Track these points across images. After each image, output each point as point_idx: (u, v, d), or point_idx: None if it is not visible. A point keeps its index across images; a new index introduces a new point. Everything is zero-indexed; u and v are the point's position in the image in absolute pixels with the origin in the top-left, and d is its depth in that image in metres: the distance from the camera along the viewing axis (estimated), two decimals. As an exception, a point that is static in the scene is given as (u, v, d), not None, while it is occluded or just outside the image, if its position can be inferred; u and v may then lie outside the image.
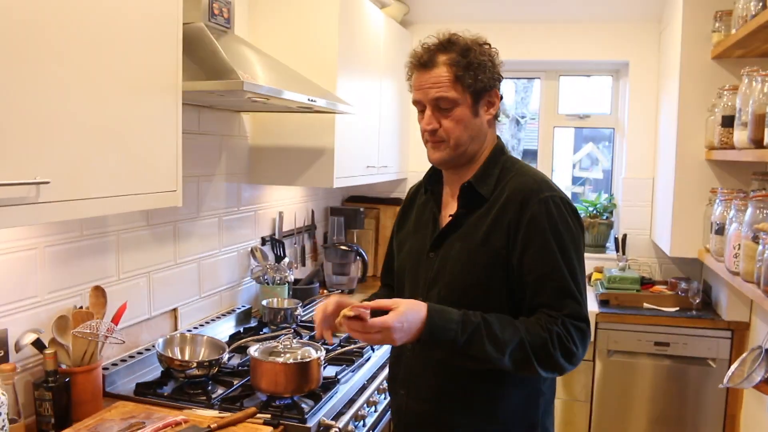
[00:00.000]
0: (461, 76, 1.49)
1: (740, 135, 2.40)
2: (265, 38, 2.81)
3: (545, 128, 4.11)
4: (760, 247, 2.04)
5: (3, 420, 1.57)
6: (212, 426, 1.71)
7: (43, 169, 1.31)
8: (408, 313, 1.38)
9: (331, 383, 2.09)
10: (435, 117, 1.53)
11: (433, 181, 1.71)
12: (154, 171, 1.68)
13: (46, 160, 1.32)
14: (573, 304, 1.46)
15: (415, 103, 1.58)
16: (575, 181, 6.06)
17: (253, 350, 1.99)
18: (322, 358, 2.01)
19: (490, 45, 1.56)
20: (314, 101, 2.25)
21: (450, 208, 1.63)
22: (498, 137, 1.65)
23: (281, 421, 1.82)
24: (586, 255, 3.65)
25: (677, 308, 3.32)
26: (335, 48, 2.75)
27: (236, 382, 2.07)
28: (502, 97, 1.58)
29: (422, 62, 1.52)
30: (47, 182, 1.30)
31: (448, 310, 1.43)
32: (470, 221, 1.55)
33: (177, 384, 2.04)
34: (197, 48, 2.00)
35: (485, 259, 1.50)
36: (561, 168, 7.10)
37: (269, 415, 1.83)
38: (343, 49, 2.80)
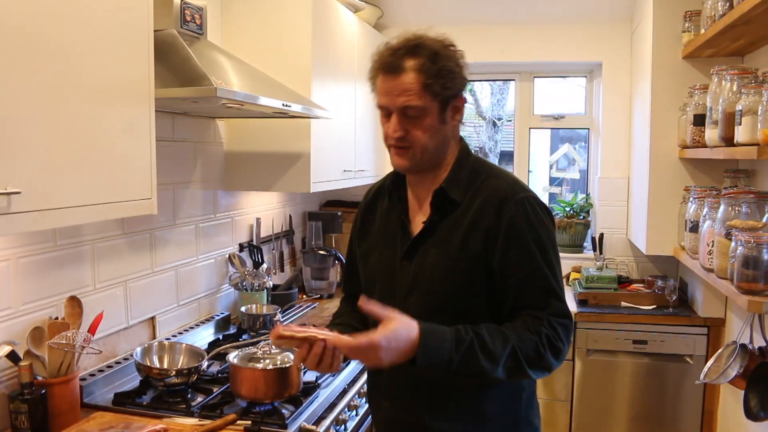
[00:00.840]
0: (430, 84, 1.44)
1: (711, 133, 2.43)
2: (239, 44, 2.80)
3: (521, 129, 4.14)
4: (733, 244, 2.07)
5: (-22, 434, 1.55)
6: (192, 434, 1.70)
7: (13, 179, 1.29)
8: (399, 330, 1.35)
9: (311, 388, 2.08)
10: (401, 124, 1.48)
11: (396, 185, 1.67)
12: (128, 179, 1.66)
13: (17, 169, 1.30)
14: (556, 302, 1.48)
15: (381, 107, 1.53)
16: (552, 181, 6.11)
17: (233, 357, 1.98)
18: (301, 365, 2.00)
19: (455, 46, 1.52)
20: (289, 106, 2.24)
21: (419, 213, 1.60)
22: (462, 138, 1.62)
23: (262, 427, 1.81)
24: (563, 255, 3.66)
25: (654, 306, 3.36)
26: (308, 53, 2.75)
27: (216, 390, 2.06)
28: (466, 101, 1.56)
29: (390, 67, 1.47)
30: (18, 192, 1.29)
31: (440, 329, 1.40)
32: (444, 226, 1.53)
33: (156, 393, 2.02)
34: (169, 55, 1.98)
35: (464, 264, 1.49)
36: (538, 169, 7.16)
37: (249, 422, 1.83)
38: (317, 53, 2.80)
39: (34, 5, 1.34)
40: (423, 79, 1.44)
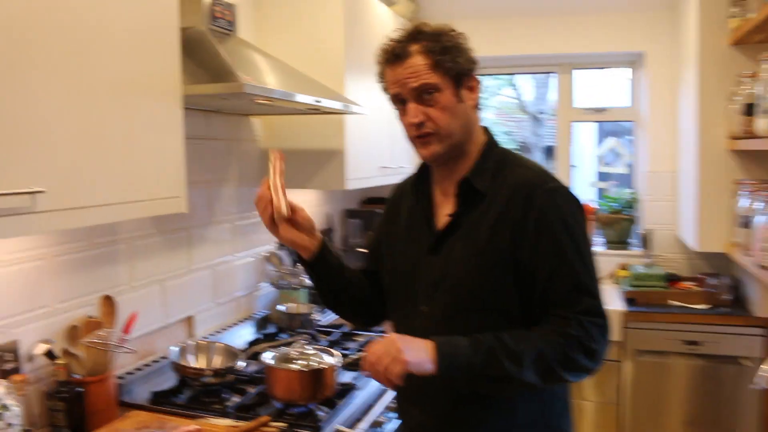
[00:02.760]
0: (440, 60, 1.41)
1: (762, 123, 2.32)
2: (272, 41, 2.78)
3: (562, 123, 4.04)
4: (788, 238, 1.96)
5: (17, 431, 1.56)
6: (224, 435, 1.68)
7: (38, 178, 1.29)
8: (404, 337, 1.35)
9: (347, 389, 2.05)
10: (419, 109, 1.43)
11: (420, 180, 1.61)
12: (157, 177, 1.65)
13: (41, 168, 1.30)
14: (588, 299, 1.39)
15: (394, 99, 1.48)
16: (600, 177, 5.98)
17: (268, 357, 1.96)
18: (337, 364, 1.97)
19: (456, 31, 1.48)
20: (320, 102, 2.21)
21: (444, 207, 1.53)
22: (487, 128, 1.56)
23: (295, 430, 1.79)
24: (609, 252, 3.55)
25: (707, 305, 3.22)
26: (342, 48, 2.71)
27: (252, 390, 2.04)
28: (480, 83, 1.50)
29: (395, 55, 1.44)
30: (42, 191, 1.28)
31: (452, 337, 1.36)
32: (470, 220, 1.46)
33: (192, 392, 2.01)
34: (198, 52, 1.97)
35: (492, 258, 1.42)
36: (585, 164, 7.01)
37: (284, 424, 1.80)
38: (351, 49, 2.77)
39: (57, 2, 1.33)
40: (431, 58, 1.41)
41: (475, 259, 1.44)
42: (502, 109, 7.72)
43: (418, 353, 1.31)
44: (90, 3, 1.42)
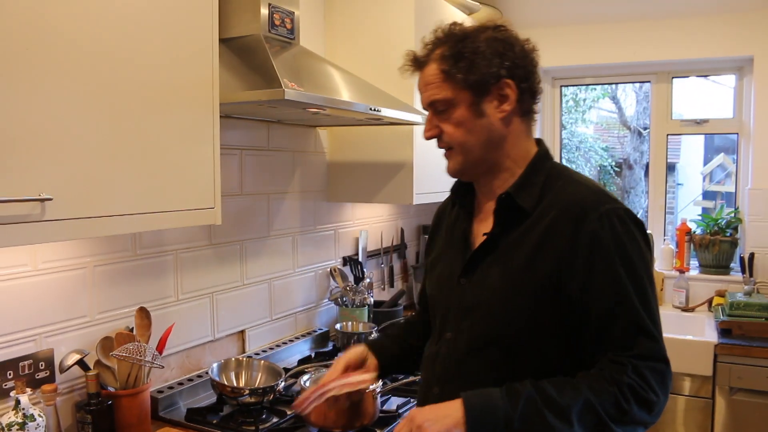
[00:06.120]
0: (449, 71, 1.26)
1: None
2: (341, 51, 2.72)
3: (658, 136, 3.74)
4: None
5: (40, 443, 1.53)
6: (248, 460, 1.59)
7: (47, 185, 1.25)
8: (423, 410, 1.21)
9: (390, 418, 1.91)
10: (433, 122, 1.32)
11: (462, 192, 1.45)
12: (187, 187, 1.59)
13: (51, 175, 1.26)
14: (647, 341, 1.19)
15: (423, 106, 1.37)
16: (706, 195, 5.55)
17: (305, 379, 1.86)
18: (377, 389, 1.84)
19: (504, 28, 1.30)
20: (379, 111, 2.10)
21: (485, 224, 1.36)
22: (539, 140, 1.39)
23: (328, 459, 1.67)
24: (706, 276, 3.22)
25: (817, 340, 2.85)
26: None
27: (290, 413, 1.94)
28: (519, 87, 1.27)
29: (417, 62, 1.32)
30: (50, 198, 1.24)
31: (485, 390, 1.20)
32: (509, 240, 1.29)
33: (230, 411, 1.94)
34: (253, 59, 1.92)
35: (530, 287, 1.24)
36: (690, 182, 6.54)
37: (314, 451, 1.69)
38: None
39: (80, 6, 1.30)
40: (442, 68, 1.27)
41: (510, 286, 1.26)
42: (600, 123, 7.35)
43: (443, 422, 1.16)
44: (118, 6, 1.38)
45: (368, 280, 2.92)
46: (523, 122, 1.33)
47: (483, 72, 1.25)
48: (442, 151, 1.36)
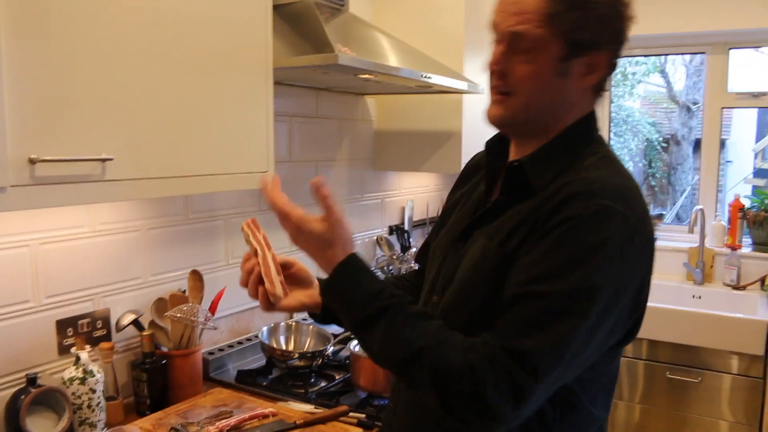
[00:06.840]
0: (558, 15, 1.04)
1: None
2: (389, 18, 2.68)
3: (712, 110, 3.62)
4: None
5: (99, 396, 1.58)
6: (298, 422, 1.61)
7: (109, 146, 1.26)
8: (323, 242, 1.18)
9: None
10: (505, 55, 1.09)
11: (494, 151, 1.24)
12: (242, 151, 1.60)
13: (113, 137, 1.28)
14: (536, 345, 0.96)
15: (491, 27, 1.12)
16: (758, 174, 5.39)
17: (354, 344, 1.87)
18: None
19: None
20: (429, 78, 2.08)
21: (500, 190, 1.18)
22: (591, 113, 1.16)
23: (376, 423, 1.68)
24: (759, 254, 3.09)
25: None
26: (461, 26, 2.55)
27: (339, 377, 1.96)
28: (614, 64, 1.12)
29: None
30: (111, 159, 1.25)
31: (374, 276, 1.12)
32: (509, 213, 1.11)
33: (279, 374, 1.97)
34: (303, 25, 1.91)
35: (494, 262, 1.08)
36: (741, 159, 6.35)
37: (364, 415, 1.70)
38: (471, 26, 2.60)
39: (137, -35, 1.30)
40: (549, 6, 1.05)
41: (481, 260, 1.11)
42: (647, 97, 7.16)
43: (319, 255, 1.19)
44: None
45: (414, 249, 2.92)
46: (593, 99, 1.17)
47: (592, 35, 1.07)
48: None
